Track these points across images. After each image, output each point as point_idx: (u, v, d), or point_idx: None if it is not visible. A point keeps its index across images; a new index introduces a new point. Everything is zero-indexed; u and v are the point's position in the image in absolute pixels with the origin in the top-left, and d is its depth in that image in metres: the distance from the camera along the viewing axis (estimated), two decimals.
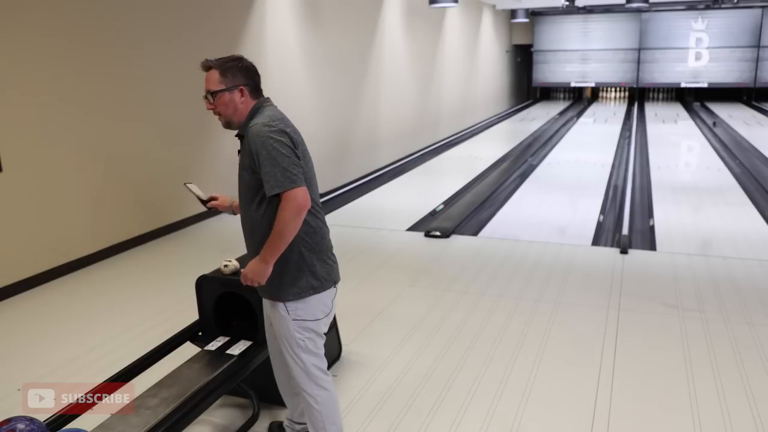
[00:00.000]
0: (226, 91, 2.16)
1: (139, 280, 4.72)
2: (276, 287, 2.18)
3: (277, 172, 2.02)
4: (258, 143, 2.06)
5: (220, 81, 2.17)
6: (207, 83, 2.19)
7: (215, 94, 2.17)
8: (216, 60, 2.22)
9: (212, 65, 2.20)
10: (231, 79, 2.18)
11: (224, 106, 2.17)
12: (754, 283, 4.49)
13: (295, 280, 2.17)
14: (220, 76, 2.18)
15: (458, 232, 5.94)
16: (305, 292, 2.18)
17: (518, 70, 20.68)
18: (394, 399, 2.99)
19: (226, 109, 2.17)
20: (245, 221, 2.25)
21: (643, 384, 3.12)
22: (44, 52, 4.48)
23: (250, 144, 2.09)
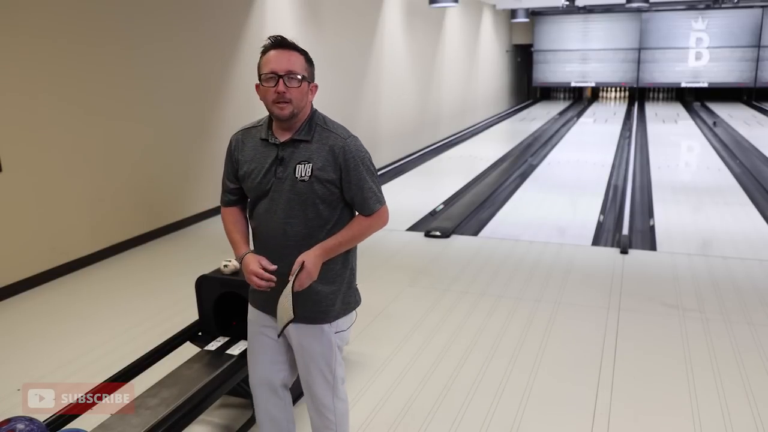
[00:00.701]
0: (307, 80, 1.91)
1: (139, 280, 4.72)
2: (328, 310, 2.01)
3: (377, 189, 1.96)
4: (359, 157, 1.92)
5: (305, 68, 1.92)
6: (289, 63, 1.87)
7: (300, 79, 1.88)
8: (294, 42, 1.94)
9: (297, 48, 1.92)
10: (312, 72, 1.96)
11: (301, 96, 1.89)
12: (754, 283, 4.49)
13: (346, 297, 2.05)
14: (306, 62, 1.93)
15: (458, 232, 5.93)
16: (351, 307, 2.10)
17: (518, 70, 20.68)
18: (394, 399, 2.99)
19: (301, 99, 1.90)
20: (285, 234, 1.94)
21: (643, 384, 3.12)
22: (44, 52, 4.48)
23: (347, 158, 1.90)
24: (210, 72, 6.21)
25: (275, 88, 1.85)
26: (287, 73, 1.86)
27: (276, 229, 1.94)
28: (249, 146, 1.99)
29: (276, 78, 1.85)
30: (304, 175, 1.89)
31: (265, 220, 1.96)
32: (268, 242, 1.97)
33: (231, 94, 6.49)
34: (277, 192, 1.92)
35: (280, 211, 1.92)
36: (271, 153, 1.94)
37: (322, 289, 1.98)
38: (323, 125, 1.96)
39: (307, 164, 1.90)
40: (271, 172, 1.93)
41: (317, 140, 1.92)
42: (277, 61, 1.86)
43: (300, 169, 1.90)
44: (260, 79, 1.89)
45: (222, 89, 6.38)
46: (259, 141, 1.97)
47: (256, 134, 2.00)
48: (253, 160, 1.96)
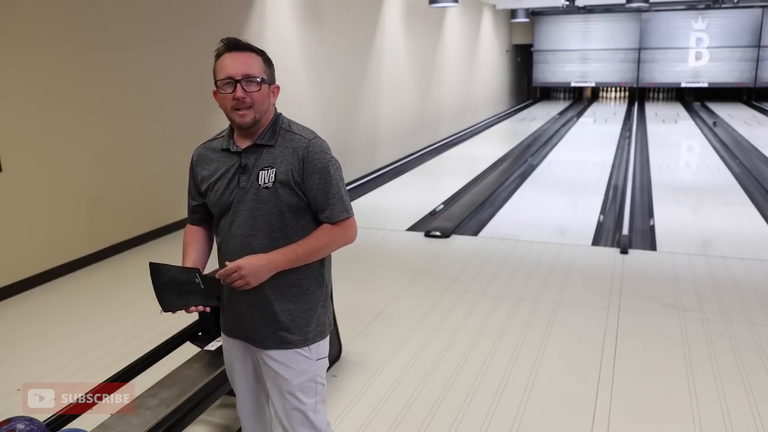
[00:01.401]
0: (266, 82, 1.77)
1: (139, 280, 4.68)
2: (303, 332, 1.84)
3: (344, 197, 1.80)
4: (324, 160, 1.77)
5: (264, 70, 1.77)
6: (246, 66, 1.73)
7: (259, 83, 1.74)
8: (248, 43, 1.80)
9: (253, 49, 1.78)
10: (271, 74, 1.81)
11: (262, 100, 1.75)
12: (754, 283, 4.49)
13: (321, 318, 1.88)
14: (264, 64, 1.78)
15: (458, 232, 5.94)
16: (328, 328, 1.92)
17: (518, 70, 20.68)
18: (394, 399, 2.99)
19: (262, 104, 1.76)
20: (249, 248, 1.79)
21: (643, 384, 3.12)
22: (44, 52, 4.48)
23: (311, 160, 1.76)
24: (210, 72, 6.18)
25: (233, 95, 1.72)
26: (244, 77, 1.72)
27: (240, 243, 1.79)
28: (210, 159, 1.86)
29: (233, 83, 1.72)
30: (267, 181, 1.75)
31: (228, 234, 1.82)
32: (232, 258, 1.78)
33: None
34: (240, 203, 1.78)
35: (243, 223, 1.79)
36: (233, 162, 1.80)
37: (294, 307, 1.82)
38: (287, 128, 1.83)
39: (271, 170, 1.76)
40: (234, 182, 1.79)
41: (281, 144, 1.79)
42: (233, 65, 1.73)
43: (263, 175, 1.76)
44: (216, 86, 1.77)
45: None
46: (220, 152, 1.84)
47: (216, 146, 1.87)
48: (215, 172, 1.83)
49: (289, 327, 1.83)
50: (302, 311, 1.84)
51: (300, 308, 1.84)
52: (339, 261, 2.37)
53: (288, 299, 1.82)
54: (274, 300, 1.81)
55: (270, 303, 1.82)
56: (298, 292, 1.83)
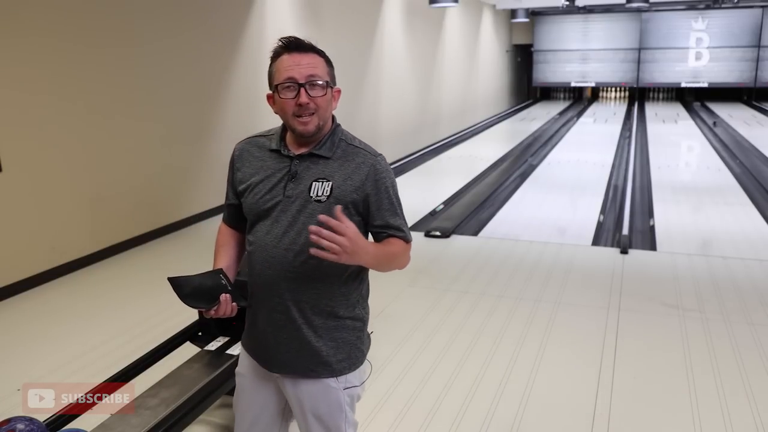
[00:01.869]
0: (330, 86, 1.62)
1: (139, 280, 4.71)
2: (328, 359, 1.66)
3: (405, 221, 1.68)
4: (389, 180, 1.64)
5: (327, 72, 1.61)
6: (310, 68, 1.57)
7: (324, 86, 1.58)
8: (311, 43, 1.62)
9: (315, 49, 1.61)
10: (334, 76, 1.65)
11: (326, 105, 1.60)
12: (754, 283, 4.49)
13: (355, 348, 1.70)
14: (327, 66, 1.62)
15: (458, 232, 5.93)
16: (363, 356, 1.74)
17: (518, 70, 20.68)
18: (394, 399, 2.99)
19: (327, 109, 1.61)
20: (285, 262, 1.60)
21: (643, 384, 3.12)
22: (44, 51, 4.48)
23: (378, 179, 1.62)
24: (210, 72, 6.21)
25: (296, 100, 1.56)
26: (309, 80, 1.56)
27: (275, 255, 1.61)
28: (255, 157, 1.70)
29: (296, 87, 1.55)
30: (321, 194, 1.58)
31: (263, 243, 1.63)
32: (264, 272, 1.63)
33: (231, 94, 6.49)
34: (283, 213, 1.60)
35: (283, 235, 1.60)
36: (282, 166, 1.64)
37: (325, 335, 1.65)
38: (349, 141, 1.68)
39: (326, 183, 1.59)
40: (278, 188, 1.62)
41: (340, 157, 1.63)
42: (296, 67, 1.56)
43: (316, 187, 1.59)
44: (274, 90, 1.60)
45: (222, 89, 6.38)
46: (267, 152, 1.68)
47: (264, 144, 1.71)
48: (258, 172, 1.67)
49: (318, 355, 1.65)
50: (333, 339, 1.66)
51: (331, 336, 1.66)
52: None
53: (320, 326, 1.64)
54: (303, 324, 1.64)
55: (299, 327, 1.64)
56: (331, 319, 1.65)
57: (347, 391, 1.70)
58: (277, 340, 1.66)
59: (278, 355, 1.67)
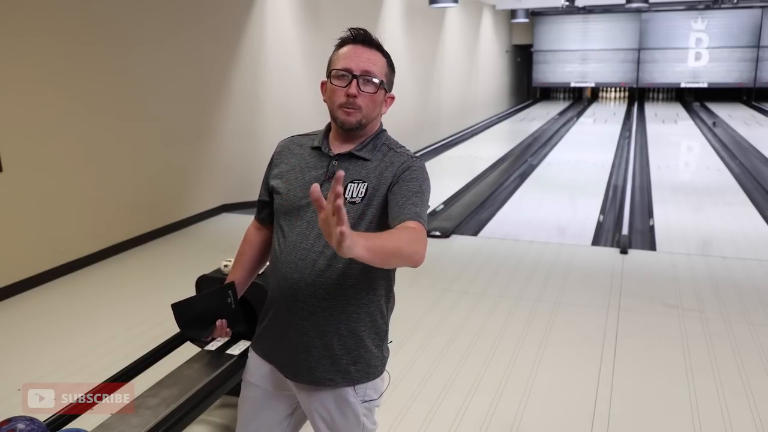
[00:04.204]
0: (384, 88, 1.60)
1: (139, 280, 4.72)
2: (351, 370, 1.60)
3: (424, 210, 1.53)
4: (422, 178, 1.56)
5: (386, 73, 1.60)
6: (369, 63, 1.55)
7: (377, 85, 1.56)
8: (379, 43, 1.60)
9: (380, 48, 1.60)
10: (392, 79, 1.64)
11: (373, 104, 1.58)
12: (754, 283, 4.49)
13: (373, 355, 1.63)
14: (387, 67, 1.61)
15: (458, 232, 5.93)
16: (382, 367, 1.66)
17: (518, 70, 20.68)
18: (395, 399, 2.99)
19: (373, 108, 1.59)
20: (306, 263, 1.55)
21: (643, 384, 3.12)
22: (44, 51, 4.48)
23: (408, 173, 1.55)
24: (210, 72, 6.21)
25: (346, 89, 1.54)
26: (363, 74, 1.54)
27: (299, 256, 1.55)
28: (295, 153, 1.66)
29: (349, 78, 1.54)
30: (356, 195, 1.54)
31: (294, 246, 1.56)
32: (290, 275, 1.56)
33: (231, 94, 6.49)
34: (315, 213, 1.50)
35: (310, 235, 1.54)
36: (321, 164, 1.60)
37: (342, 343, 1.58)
38: (390, 146, 1.63)
39: (362, 184, 1.54)
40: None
41: (379, 159, 1.59)
42: (355, 58, 1.55)
43: (352, 188, 1.54)
44: (328, 75, 1.59)
45: (222, 89, 6.38)
46: (308, 149, 1.64)
47: (306, 142, 1.67)
48: (294, 168, 1.63)
49: (338, 363, 1.59)
50: (355, 348, 1.60)
51: (353, 345, 1.60)
52: None
53: (343, 334, 1.58)
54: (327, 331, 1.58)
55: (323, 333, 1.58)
56: (354, 327, 1.59)
57: (365, 404, 1.64)
58: (297, 345, 1.60)
59: (298, 362, 1.60)
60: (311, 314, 1.56)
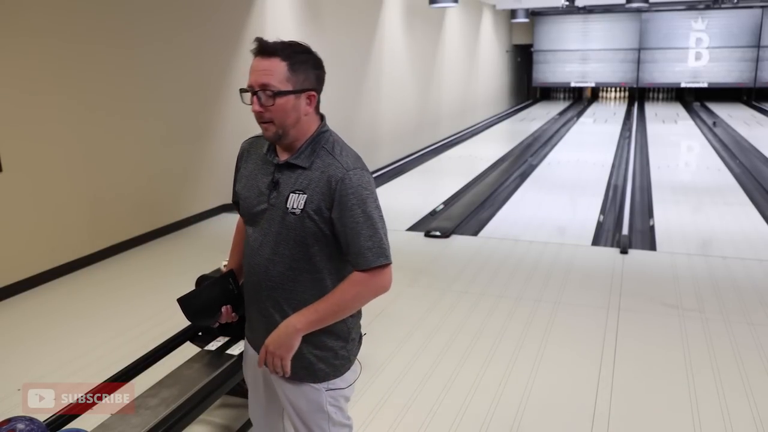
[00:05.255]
0: (292, 93, 1.54)
1: (139, 280, 4.71)
2: (310, 366, 1.66)
3: (382, 240, 1.56)
4: (358, 196, 1.54)
5: (287, 78, 1.53)
6: (264, 75, 1.52)
7: (277, 95, 1.53)
8: (283, 45, 1.55)
9: (278, 52, 1.53)
10: (302, 79, 1.56)
11: (283, 113, 1.54)
12: (754, 283, 4.49)
13: (338, 356, 1.68)
14: (289, 71, 1.53)
15: (458, 232, 5.93)
16: (347, 365, 1.71)
17: (518, 70, 20.68)
18: (394, 399, 2.99)
19: (286, 117, 1.55)
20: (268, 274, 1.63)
21: (643, 384, 3.12)
22: (44, 51, 4.48)
23: (344, 194, 1.54)
24: (210, 72, 6.21)
25: (252, 107, 1.55)
26: (261, 88, 1.52)
27: (259, 265, 1.64)
28: (253, 157, 1.71)
29: (251, 93, 1.54)
30: (296, 207, 1.56)
31: (251, 251, 1.66)
32: (249, 277, 1.68)
33: (231, 94, 6.48)
34: (268, 222, 1.61)
35: (267, 245, 1.62)
36: (269, 172, 1.64)
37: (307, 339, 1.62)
38: (330, 150, 1.60)
39: (302, 195, 1.56)
40: (264, 195, 1.63)
41: (318, 167, 1.57)
42: (254, 73, 1.54)
43: (293, 199, 1.57)
44: None
45: (222, 89, 6.38)
46: (262, 155, 1.68)
47: (260, 147, 1.70)
48: (251, 174, 1.69)
49: (300, 360, 1.63)
50: (315, 347, 1.65)
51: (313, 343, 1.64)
52: None
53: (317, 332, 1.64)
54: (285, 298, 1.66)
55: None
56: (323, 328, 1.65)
57: (330, 392, 1.69)
58: (264, 341, 1.64)
59: None
60: (271, 314, 1.65)
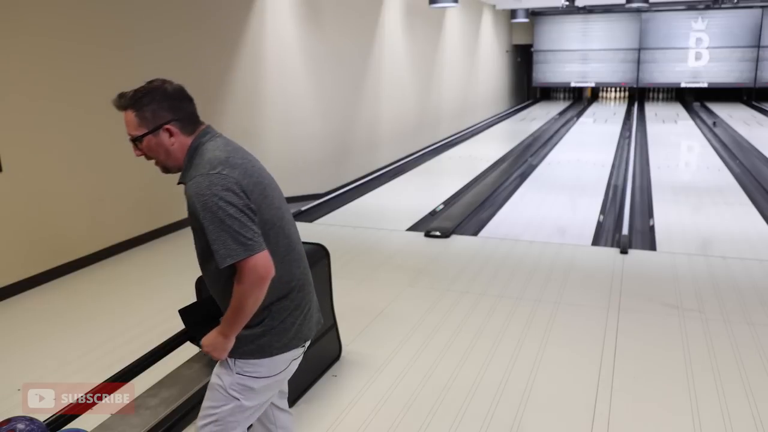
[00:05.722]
0: (149, 134, 1.74)
1: (139, 280, 4.72)
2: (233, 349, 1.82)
3: (227, 238, 1.64)
4: (199, 205, 1.66)
5: (139, 124, 1.74)
6: (126, 127, 1.77)
7: (137, 141, 1.76)
8: (130, 95, 1.75)
9: (126, 105, 1.74)
10: (152, 118, 1.74)
11: (154, 152, 1.77)
12: (754, 283, 4.49)
13: (256, 337, 1.79)
14: (137, 117, 1.74)
15: (458, 232, 5.93)
16: (264, 352, 1.80)
17: (518, 70, 20.68)
18: (394, 399, 2.99)
19: (157, 154, 1.77)
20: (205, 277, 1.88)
21: (643, 384, 3.12)
22: (44, 52, 4.48)
23: (190, 200, 1.70)
24: (210, 72, 6.21)
25: None
26: (131, 138, 1.78)
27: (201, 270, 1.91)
28: None
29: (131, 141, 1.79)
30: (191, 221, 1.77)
31: None
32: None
33: (231, 93, 6.49)
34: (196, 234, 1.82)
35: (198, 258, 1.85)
36: None
37: None
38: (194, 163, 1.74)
39: (188, 209, 1.74)
40: None
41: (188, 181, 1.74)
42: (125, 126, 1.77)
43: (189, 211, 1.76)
44: None
45: (222, 89, 6.38)
46: None
47: None
48: None
49: None
50: None
51: None
52: (339, 261, 2.37)
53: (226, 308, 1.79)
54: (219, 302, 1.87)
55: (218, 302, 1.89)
56: None
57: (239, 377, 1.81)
58: None
59: None
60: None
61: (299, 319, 1.84)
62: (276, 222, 1.78)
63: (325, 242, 3.29)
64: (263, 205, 1.74)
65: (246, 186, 1.70)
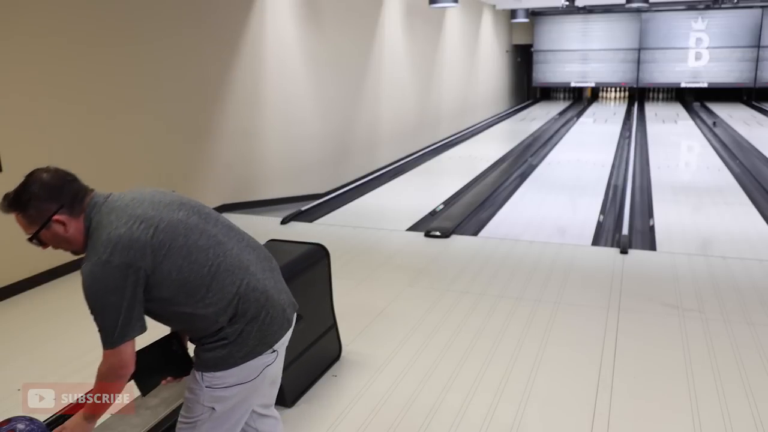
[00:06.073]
0: (43, 229, 1.76)
1: None
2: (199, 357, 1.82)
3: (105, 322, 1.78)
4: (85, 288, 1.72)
5: (28, 224, 1.76)
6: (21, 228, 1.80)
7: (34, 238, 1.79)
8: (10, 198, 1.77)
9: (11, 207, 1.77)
10: (38, 215, 1.75)
11: (55, 243, 1.79)
12: (754, 283, 4.49)
13: (215, 350, 1.78)
14: (24, 218, 1.76)
15: (458, 232, 5.93)
16: (226, 363, 1.78)
17: (518, 70, 20.68)
18: (394, 399, 2.99)
19: (58, 244, 1.80)
20: None
21: (643, 384, 3.12)
22: (44, 51, 4.48)
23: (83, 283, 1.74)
24: (210, 71, 6.21)
25: None
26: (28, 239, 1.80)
27: None
28: None
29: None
30: None
31: None
32: None
33: (231, 93, 6.48)
34: None
35: None
36: None
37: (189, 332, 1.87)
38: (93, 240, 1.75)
39: None
40: None
41: None
42: None
43: None
44: None
45: (222, 89, 6.38)
46: None
47: None
48: None
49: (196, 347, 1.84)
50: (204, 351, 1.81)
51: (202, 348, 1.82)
52: (339, 261, 2.37)
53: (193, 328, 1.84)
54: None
55: None
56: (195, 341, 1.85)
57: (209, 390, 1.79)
58: None
59: None
60: None
61: (256, 326, 1.79)
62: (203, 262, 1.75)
63: (325, 242, 3.29)
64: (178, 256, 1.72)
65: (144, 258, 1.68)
